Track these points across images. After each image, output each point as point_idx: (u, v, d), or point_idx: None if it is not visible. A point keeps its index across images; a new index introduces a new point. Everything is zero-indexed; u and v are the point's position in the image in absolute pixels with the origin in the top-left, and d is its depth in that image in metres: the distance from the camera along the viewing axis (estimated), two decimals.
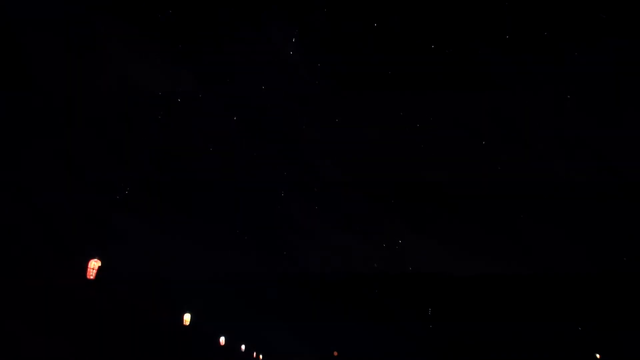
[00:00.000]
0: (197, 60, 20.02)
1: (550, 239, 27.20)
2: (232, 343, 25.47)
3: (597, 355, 26.28)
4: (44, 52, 13.91)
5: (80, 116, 15.75)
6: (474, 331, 30.95)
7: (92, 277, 11.16)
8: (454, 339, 31.91)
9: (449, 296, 31.14)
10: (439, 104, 23.07)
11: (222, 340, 23.70)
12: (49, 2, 13.86)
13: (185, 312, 18.35)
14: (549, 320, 28.53)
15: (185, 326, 18.28)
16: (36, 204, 11.26)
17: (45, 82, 14.07)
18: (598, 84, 20.58)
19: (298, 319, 32.26)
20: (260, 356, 34.13)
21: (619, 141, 22.07)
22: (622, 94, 20.69)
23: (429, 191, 26.44)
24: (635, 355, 24.68)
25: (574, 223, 25.87)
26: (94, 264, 11.21)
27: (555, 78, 21.14)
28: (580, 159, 23.21)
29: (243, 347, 28.83)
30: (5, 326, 9.00)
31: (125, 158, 18.59)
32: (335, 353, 35.64)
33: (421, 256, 29.22)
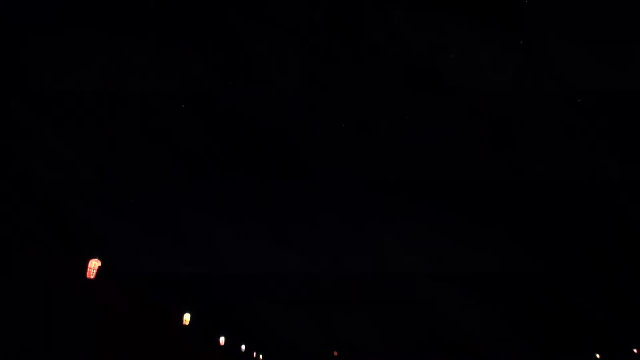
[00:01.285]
0: (199, 60, 20.06)
1: (550, 238, 27.21)
2: (232, 343, 25.45)
3: (597, 355, 26.26)
4: (43, 52, 13.92)
5: (81, 116, 15.76)
6: (474, 331, 30.97)
7: (92, 277, 11.17)
8: (453, 339, 31.93)
9: (448, 295, 31.15)
10: (439, 105, 23.10)
11: (222, 340, 23.68)
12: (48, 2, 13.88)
13: (185, 312, 18.31)
14: (548, 319, 28.55)
15: (185, 326, 18.25)
16: (36, 204, 11.26)
17: (46, 82, 14.07)
18: (598, 85, 20.60)
19: (298, 319, 32.27)
20: (260, 356, 34.11)
21: (618, 142, 22.10)
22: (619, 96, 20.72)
23: (429, 191, 26.46)
24: (635, 355, 24.71)
25: (574, 222, 25.89)
26: (94, 264, 11.22)
27: (557, 80, 21.17)
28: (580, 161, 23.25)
29: (243, 347, 28.79)
30: (6, 326, 9.00)
31: (124, 157, 18.62)
32: (335, 353, 35.63)
33: (421, 254, 29.25)
